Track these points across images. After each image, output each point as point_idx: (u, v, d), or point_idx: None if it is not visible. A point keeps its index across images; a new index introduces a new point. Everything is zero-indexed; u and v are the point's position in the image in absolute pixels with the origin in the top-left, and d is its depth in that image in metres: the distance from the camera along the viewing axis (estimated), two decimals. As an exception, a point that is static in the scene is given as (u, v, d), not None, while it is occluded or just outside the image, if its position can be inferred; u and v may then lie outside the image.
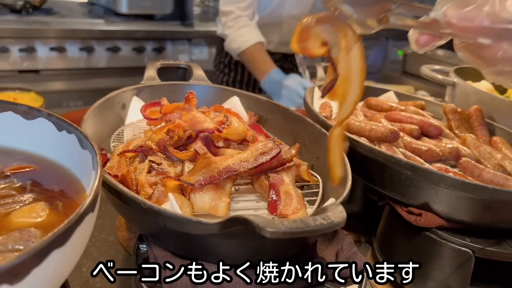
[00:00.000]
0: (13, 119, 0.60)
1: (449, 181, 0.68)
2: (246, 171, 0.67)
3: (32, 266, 0.35)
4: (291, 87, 1.70)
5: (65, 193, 0.54)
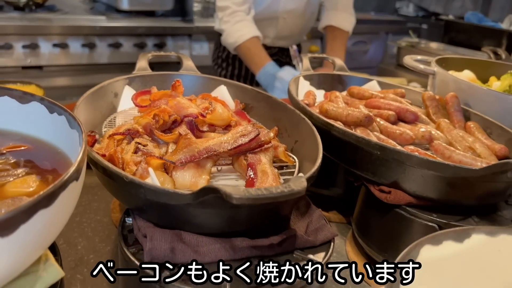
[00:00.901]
0: (8, 103, 0.66)
1: (415, 160, 0.73)
2: (226, 151, 0.72)
3: (20, 222, 0.41)
4: (284, 79, 1.75)
5: (56, 169, 0.59)
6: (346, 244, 0.98)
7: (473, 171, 0.70)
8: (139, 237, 0.62)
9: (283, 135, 0.90)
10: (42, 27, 2.66)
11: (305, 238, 0.65)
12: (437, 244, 0.56)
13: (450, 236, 0.57)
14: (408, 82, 2.06)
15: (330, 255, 0.64)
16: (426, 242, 0.55)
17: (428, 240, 0.55)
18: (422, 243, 0.55)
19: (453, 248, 0.57)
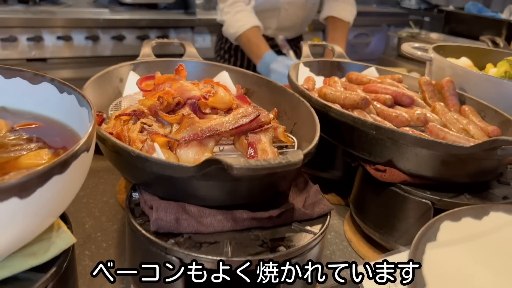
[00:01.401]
0: (20, 84, 0.69)
1: (409, 138, 0.76)
2: (227, 131, 0.75)
3: (36, 185, 0.44)
4: (276, 71, 1.77)
5: (66, 146, 0.63)
6: (344, 224, 1.01)
7: (465, 148, 0.73)
8: (145, 209, 0.65)
9: (282, 118, 0.93)
10: (46, 19, 2.69)
11: (303, 211, 0.68)
12: (456, 220, 0.58)
13: (468, 213, 0.60)
14: (408, 72, 2.09)
15: (326, 227, 0.68)
16: (445, 218, 0.57)
17: (447, 216, 0.58)
18: (442, 218, 0.57)
19: (472, 225, 0.59)
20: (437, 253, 0.52)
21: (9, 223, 0.44)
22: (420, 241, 0.53)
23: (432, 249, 0.52)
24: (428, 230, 0.55)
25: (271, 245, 0.62)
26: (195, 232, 0.62)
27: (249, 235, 0.63)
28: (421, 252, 0.51)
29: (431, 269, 0.49)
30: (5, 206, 0.42)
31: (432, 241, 0.54)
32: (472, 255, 0.55)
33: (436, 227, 0.55)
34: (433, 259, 0.51)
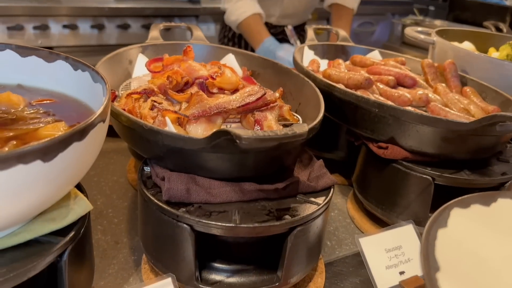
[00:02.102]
0: (36, 62, 0.72)
1: (410, 115, 0.78)
2: (234, 108, 0.78)
3: (58, 150, 0.47)
4: (284, 58, 1.78)
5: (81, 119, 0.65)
6: (347, 202, 1.04)
7: (464, 124, 0.75)
8: (157, 181, 0.68)
9: (287, 98, 0.96)
10: (52, 8, 2.71)
11: (307, 184, 0.71)
12: (465, 207, 0.59)
13: (477, 200, 0.61)
14: (411, 58, 2.10)
15: (330, 199, 0.71)
16: (455, 205, 0.58)
17: (457, 203, 0.59)
18: (452, 205, 0.58)
19: (481, 211, 0.60)
20: (449, 239, 0.53)
21: (33, 185, 0.47)
22: (431, 227, 0.54)
23: (443, 235, 0.54)
24: (439, 217, 0.56)
25: (277, 214, 0.64)
26: (205, 202, 0.65)
27: (256, 206, 0.66)
28: (433, 237, 0.52)
29: (443, 253, 0.50)
30: (30, 168, 0.45)
31: (443, 227, 0.55)
32: (483, 240, 0.57)
33: (446, 213, 0.57)
34: (445, 244, 0.52)
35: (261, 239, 0.72)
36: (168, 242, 0.65)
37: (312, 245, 0.70)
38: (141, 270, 0.77)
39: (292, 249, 0.66)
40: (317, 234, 0.70)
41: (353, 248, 0.90)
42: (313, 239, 0.69)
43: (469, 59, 1.12)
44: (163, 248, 0.66)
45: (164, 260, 0.67)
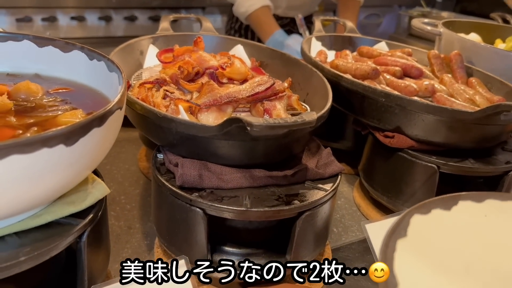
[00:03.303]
0: (52, 52, 0.74)
1: (416, 105, 0.80)
2: (244, 98, 0.80)
3: (79, 135, 0.49)
4: (291, 47, 1.80)
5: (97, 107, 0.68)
6: (353, 191, 1.06)
7: (469, 113, 0.77)
8: (170, 167, 0.70)
9: (295, 89, 0.98)
10: (60, 0, 2.73)
11: (315, 171, 0.73)
12: (426, 213, 0.56)
13: (438, 204, 0.58)
14: (418, 50, 2.10)
15: (337, 185, 0.73)
16: (415, 211, 0.55)
17: (417, 210, 0.56)
18: (411, 212, 0.55)
19: (442, 216, 0.57)
20: (409, 249, 0.51)
21: (56, 168, 0.49)
22: (390, 238, 0.51)
23: (403, 246, 0.50)
24: (398, 226, 0.53)
25: (286, 199, 0.67)
26: (216, 188, 0.67)
27: (266, 191, 0.69)
28: (392, 250, 0.49)
29: (402, 266, 0.48)
30: (53, 151, 0.47)
31: (403, 237, 0.52)
32: (445, 247, 0.55)
33: (406, 221, 0.54)
34: (404, 256, 0.49)
35: (270, 224, 0.75)
36: (181, 225, 0.67)
37: (320, 230, 0.72)
38: (154, 254, 0.80)
39: (301, 233, 0.68)
40: (325, 219, 0.72)
41: (359, 235, 0.92)
42: (320, 224, 0.71)
43: (475, 50, 1.13)
44: (176, 231, 0.69)
45: (178, 243, 0.70)
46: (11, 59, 0.74)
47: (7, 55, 0.74)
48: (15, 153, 0.44)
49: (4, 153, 0.43)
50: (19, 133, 0.56)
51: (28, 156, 0.45)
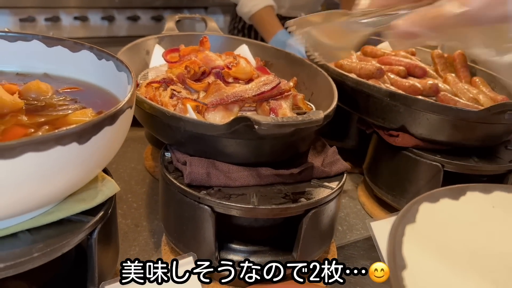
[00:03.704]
0: (61, 52, 0.75)
1: (421, 104, 0.81)
2: (250, 97, 0.80)
3: (92, 133, 0.50)
4: (294, 46, 1.80)
5: (106, 107, 0.69)
6: (358, 190, 1.07)
7: (474, 112, 0.78)
8: (178, 166, 0.71)
9: (300, 88, 0.99)
10: (63, 0, 2.74)
11: (321, 169, 0.74)
12: (434, 201, 0.57)
13: (446, 194, 0.59)
14: (420, 50, 2.11)
15: (343, 184, 0.74)
16: (424, 199, 0.57)
17: (425, 198, 0.57)
18: (420, 200, 0.56)
19: (450, 205, 0.59)
20: (417, 234, 0.52)
21: (69, 165, 0.50)
22: (399, 223, 0.52)
23: (411, 231, 0.51)
24: (407, 212, 0.54)
25: (293, 197, 0.68)
26: (224, 186, 0.68)
27: (272, 189, 0.69)
28: (401, 234, 0.50)
29: (411, 250, 0.49)
30: (67, 149, 0.48)
31: (412, 222, 0.53)
32: (451, 234, 0.56)
33: (415, 208, 0.55)
34: (413, 240, 0.50)
35: (276, 222, 0.76)
36: (189, 223, 0.68)
37: (326, 227, 0.73)
38: (161, 251, 0.81)
39: (307, 230, 0.69)
40: (331, 217, 0.73)
41: (363, 233, 0.93)
42: (326, 222, 0.72)
43: (478, 49, 1.14)
44: (184, 229, 0.70)
45: (185, 240, 0.70)
46: (20, 59, 0.75)
47: (17, 55, 0.74)
48: (30, 151, 0.44)
49: (19, 151, 0.44)
50: (31, 131, 0.57)
51: (42, 154, 0.46)
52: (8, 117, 0.59)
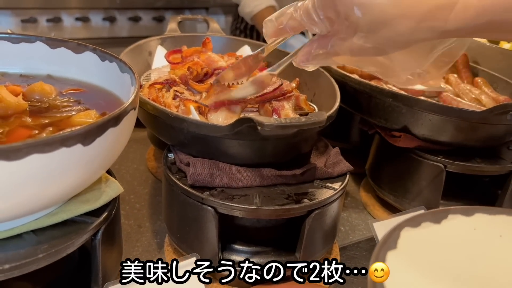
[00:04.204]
0: (64, 53, 0.75)
1: (423, 104, 0.81)
2: (253, 98, 0.81)
3: (96, 135, 0.50)
4: (293, 46, 1.81)
5: (109, 108, 0.69)
6: (360, 190, 1.07)
7: (476, 113, 0.78)
8: (181, 167, 0.71)
9: (303, 89, 0.99)
10: (65, 0, 2.74)
11: (324, 170, 0.74)
12: (416, 226, 0.58)
13: (428, 217, 0.59)
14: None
15: (346, 184, 0.74)
16: (405, 224, 0.57)
17: (407, 223, 0.57)
18: (402, 225, 0.57)
19: (431, 229, 0.59)
20: (399, 261, 0.52)
21: (74, 167, 0.50)
22: (380, 250, 0.52)
23: (393, 257, 0.52)
24: (389, 239, 0.54)
25: (296, 198, 0.68)
26: (227, 186, 0.68)
27: (275, 190, 0.70)
28: (382, 261, 0.51)
29: (393, 277, 0.49)
30: (71, 151, 0.48)
31: (393, 249, 0.53)
32: (433, 259, 0.56)
33: (396, 234, 0.55)
34: (394, 267, 0.50)
35: (279, 223, 0.76)
36: (192, 223, 0.68)
37: (329, 228, 0.73)
38: (164, 252, 0.81)
39: (310, 231, 0.69)
40: (333, 217, 0.73)
41: (366, 233, 0.93)
42: (329, 222, 0.72)
43: (480, 50, 1.14)
44: (187, 229, 0.70)
45: (189, 241, 0.71)
46: (24, 60, 0.75)
47: (20, 56, 0.75)
48: (35, 153, 0.45)
49: (24, 153, 0.44)
50: (35, 133, 0.57)
51: (47, 156, 0.46)
52: (13, 118, 0.59)
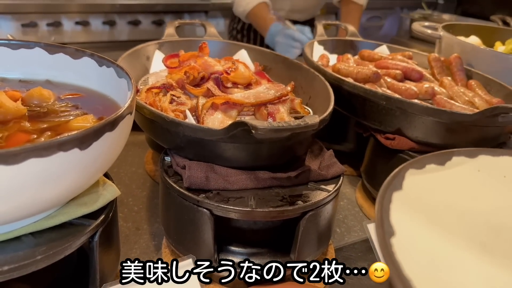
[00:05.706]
0: (63, 59, 0.76)
1: (416, 107, 0.82)
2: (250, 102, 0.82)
3: (93, 139, 0.52)
4: (280, 42, 1.79)
5: (107, 113, 0.70)
6: (356, 192, 1.08)
7: (468, 115, 0.79)
8: (177, 170, 0.73)
9: (298, 92, 1.00)
10: (65, 5, 2.76)
11: (318, 172, 0.75)
12: (420, 167, 0.57)
13: (432, 159, 0.59)
14: (419, 52, 2.12)
15: (340, 186, 0.75)
16: (410, 166, 0.56)
17: (411, 165, 0.56)
18: (406, 167, 0.56)
19: (436, 171, 0.58)
20: (404, 201, 0.51)
21: (71, 171, 0.51)
22: (386, 190, 0.51)
23: (399, 198, 0.51)
24: (394, 180, 0.53)
25: (290, 200, 0.69)
26: (222, 189, 0.70)
27: (270, 192, 0.71)
28: (388, 201, 0.49)
29: (398, 217, 0.48)
30: (68, 155, 0.49)
31: (398, 190, 0.52)
32: (438, 199, 0.56)
33: (401, 176, 0.54)
34: (400, 207, 0.49)
35: (274, 225, 0.77)
36: (188, 226, 0.69)
37: (323, 229, 0.74)
38: (162, 254, 0.82)
39: (304, 232, 0.70)
40: (328, 219, 0.74)
41: (361, 235, 0.94)
42: (323, 224, 0.74)
43: (474, 53, 1.15)
44: (184, 231, 0.71)
45: (185, 243, 0.72)
46: (23, 66, 0.76)
47: (19, 62, 0.76)
48: (33, 157, 0.46)
49: (23, 157, 0.45)
50: (34, 137, 0.59)
51: (45, 160, 0.47)
52: (12, 123, 0.60)
